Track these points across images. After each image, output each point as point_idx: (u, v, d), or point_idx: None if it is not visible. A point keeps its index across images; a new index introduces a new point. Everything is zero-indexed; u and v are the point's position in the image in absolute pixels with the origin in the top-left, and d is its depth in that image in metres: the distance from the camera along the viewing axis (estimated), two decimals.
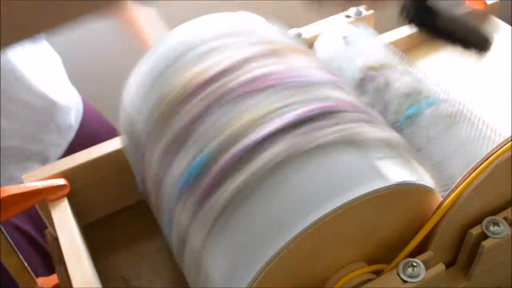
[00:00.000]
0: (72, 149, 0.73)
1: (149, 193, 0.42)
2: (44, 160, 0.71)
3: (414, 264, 0.36)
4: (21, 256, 0.44)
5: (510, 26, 0.67)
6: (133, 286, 0.48)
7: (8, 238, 0.42)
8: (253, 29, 0.44)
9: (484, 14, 0.69)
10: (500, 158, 0.36)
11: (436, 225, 0.37)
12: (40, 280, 0.49)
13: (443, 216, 0.36)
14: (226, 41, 0.42)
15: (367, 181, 0.33)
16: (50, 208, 0.46)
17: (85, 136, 0.76)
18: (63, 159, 0.49)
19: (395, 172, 0.35)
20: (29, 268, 0.45)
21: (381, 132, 0.38)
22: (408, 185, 0.35)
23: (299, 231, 0.32)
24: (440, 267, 0.36)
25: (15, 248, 0.43)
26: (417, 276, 0.35)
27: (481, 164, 0.36)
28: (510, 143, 0.36)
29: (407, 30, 0.64)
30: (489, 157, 0.36)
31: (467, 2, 0.68)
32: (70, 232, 0.44)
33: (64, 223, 0.45)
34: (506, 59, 0.62)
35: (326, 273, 0.36)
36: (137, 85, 0.44)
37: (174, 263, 0.43)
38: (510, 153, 0.36)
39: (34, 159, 0.70)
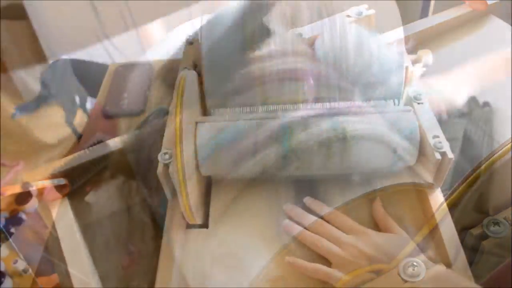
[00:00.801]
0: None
1: None
2: None
3: (415, 264, 0.36)
4: (21, 256, 0.44)
5: (510, 26, 0.67)
6: (133, 286, 0.48)
7: (9, 238, 0.42)
8: None
9: (484, 14, 0.69)
10: (500, 160, 0.36)
11: (437, 225, 0.37)
12: (40, 280, 0.49)
13: (444, 216, 0.36)
14: None
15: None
16: (50, 208, 0.46)
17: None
18: (63, 159, 0.49)
19: (396, 171, 0.35)
20: (29, 268, 0.45)
21: (381, 130, 0.38)
22: (409, 184, 0.35)
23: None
24: (440, 267, 0.36)
25: (16, 248, 0.43)
26: (418, 276, 0.35)
27: (482, 165, 0.36)
28: (510, 144, 0.36)
29: (407, 30, 0.64)
30: (489, 158, 0.36)
31: (467, 2, 0.68)
32: (70, 232, 0.44)
33: (64, 223, 0.45)
34: (506, 59, 0.62)
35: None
36: None
37: (174, 263, 0.43)
38: (510, 154, 0.36)
39: None
